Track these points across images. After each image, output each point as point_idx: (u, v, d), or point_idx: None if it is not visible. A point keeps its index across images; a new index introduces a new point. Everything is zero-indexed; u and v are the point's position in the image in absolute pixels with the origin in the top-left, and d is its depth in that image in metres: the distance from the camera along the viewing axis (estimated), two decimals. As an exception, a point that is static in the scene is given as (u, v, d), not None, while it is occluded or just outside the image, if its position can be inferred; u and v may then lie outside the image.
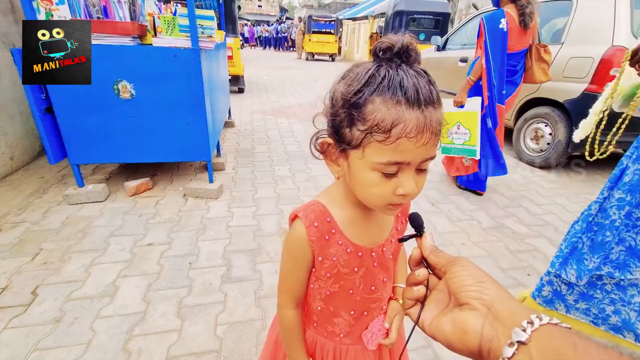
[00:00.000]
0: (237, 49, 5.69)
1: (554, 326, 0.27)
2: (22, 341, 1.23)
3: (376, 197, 0.47)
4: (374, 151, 0.43)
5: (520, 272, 1.73)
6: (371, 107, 0.42)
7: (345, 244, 0.56)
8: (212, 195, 2.33)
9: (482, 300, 0.31)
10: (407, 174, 0.44)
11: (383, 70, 0.42)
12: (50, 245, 1.76)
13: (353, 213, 0.56)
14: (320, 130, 0.51)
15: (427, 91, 0.41)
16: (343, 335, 0.64)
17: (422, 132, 0.41)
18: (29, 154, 2.76)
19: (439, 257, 0.38)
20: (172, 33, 1.99)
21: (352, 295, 0.60)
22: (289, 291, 0.62)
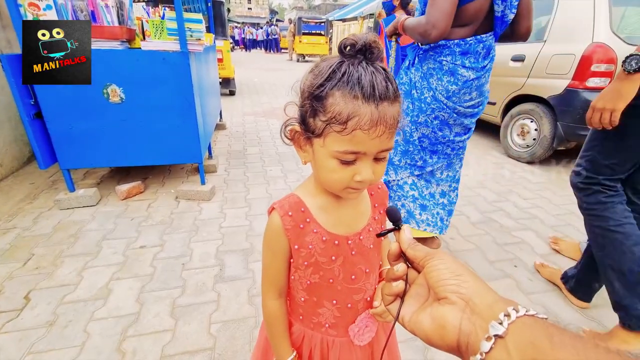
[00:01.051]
0: (227, 52, 5.70)
1: (530, 317, 0.27)
2: (15, 345, 1.23)
3: (335, 181, 0.51)
4: (333, 140, 0.47)
5: (507, 264, 1.78)
6: (331, 100, 0.46)
7: (321, 232, 0.58)
8: (205, 197, 2.34)
9: (459, 293, 0.31)
10: (364, 163, 0.48)
11: (344, 66, 0.46)
12: (42, 250, 1.76)
13: (325, 200, 0.59)
14: (290, 118, 0.55)
15: (383, 87, 0.45)
16: (328, 325, 0.65)
17: (376, 126, 0.45)
18: (18, 160, 2.74)
19: (417, 251, 0.38)
20: (161, 37, 2.00)
21: (333, 284, 0.61)
22: (271, 282, 0.64)
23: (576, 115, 2.77)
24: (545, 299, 1.55)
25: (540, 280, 1.67)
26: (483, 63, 1.44)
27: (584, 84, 2.72)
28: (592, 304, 1.51)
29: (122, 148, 2.17)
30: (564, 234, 2.08)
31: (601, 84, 2.69)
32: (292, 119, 0.54)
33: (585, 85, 2.71)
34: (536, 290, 1.60)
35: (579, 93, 2.75)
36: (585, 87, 2.72)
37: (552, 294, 1.58)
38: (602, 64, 2.65)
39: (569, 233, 2.09)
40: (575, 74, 2.75)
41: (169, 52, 2.00)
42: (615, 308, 1.26)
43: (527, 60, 3.17)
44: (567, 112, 2.84)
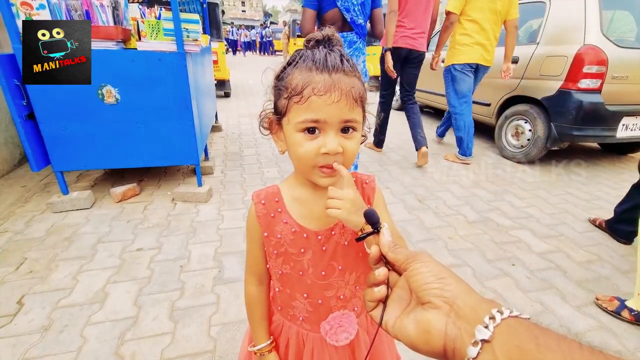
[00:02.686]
0: (222, 54, 5.68)
1: (514, 319, 0.27)
2: (9, 351, 1.20)
3: (302, 156, 0.51)
4: (294, 113, 0.50)
5: (506, 263, 1.79)
6: (290, 77, 0.51)
7: (290, 224, 0.59)
8: (202, 199, 2.32)
9: (443, 297, 0.31)
10: (329, 133, 0.50)
11: (302, 51, 0.52)
12: (35, 254, 1.72)
13: (301, 192, 0.61)
14: (265, 110, 0.58)
15: (336, 60, 0.49)
16: (302, 319, 0.66)
17: (330, 90, 0.47)
18: (9, 163, 2.68)
19: (398, 254, 0.37)
20: (157, 37, 1.99)
21: (303, 277, 0.62)
22: (250, 267, 0.67)
23: (569, 116, 2.82)
24: (543, 296, 1.56)
25: (539, 278, 1.68)
26: (346, 50, 2.17)
27: (576, 85, 2.77)
28: (589, 301, 1.53)
29: (117, 150, 2.14)
30: (559, 232, 2.11)
31: (593, 85, 2.74)
32: (266, 110, 0.58)
33: (577, 86, 2.76)
34: (534, 288, 1.61)
35: (571, 94, 2.79)
36: (578, 88, 2.76)
37: (550, 291, 1.59)
38: (593, 66, 2.70)
39: (564, 232, 2.12)
40: (568, 75, 2.80)
41: (166, 52, 1.98)
42: None
43: (521, 61, 3.22)
44: (560, 113, 2.89)
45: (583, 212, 2.37)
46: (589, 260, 1.84)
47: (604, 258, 1.86)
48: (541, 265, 1.79)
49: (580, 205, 2.49)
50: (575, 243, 2.00)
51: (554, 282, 1.66)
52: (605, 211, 2.40)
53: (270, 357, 0.68)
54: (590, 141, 3.18)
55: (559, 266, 1.78)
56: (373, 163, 3.14)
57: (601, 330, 1.38)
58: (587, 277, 1.70)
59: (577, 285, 1.64)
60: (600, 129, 2.87)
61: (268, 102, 0.58)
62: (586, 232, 2.13)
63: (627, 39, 2.90)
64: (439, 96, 4.53)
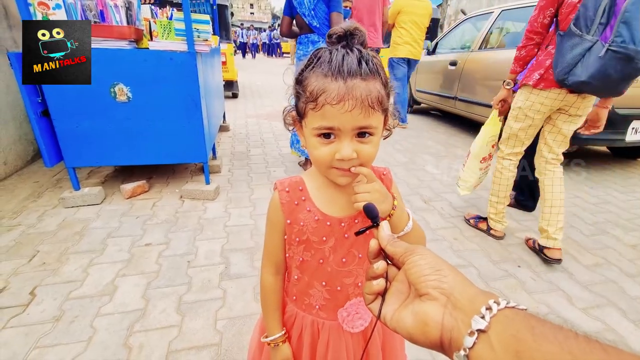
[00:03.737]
0: (231, 55, 5.75)
1: (511, 310, 0.27)
2: (21, 340, 1.23)
3: (319, 159, 0.53)
4: (310, 118, 0.51)
5: (511, 264, 1.79)
6: (307, 82, 0.50)
7: (314, 212, 0.61)
8: (209, 197, 2.35)
9: (441, 289, 0.31)
10: (342, 140, 0.50)
11: (321, 52, 0.51)
12: (47, 247, 1.77)
13: (323, 182, 0.62)
14: (289, 105, 0.59)
15: (353, 65, 0.47)
16: (319, 307, 0.66)
17: (344, 100, 0.46)
18: (22, 159, 2.75)
19: (397, 247, 0.37)
20: (168, 37, 2.03)
21: (323, 265, 0.63)
22: (269, 254, 0.68)
23: (577, 119, 2.79)
24: (549, 298, 1.55)
25: (544, 280, 1.67)
26: (308, 48, 2.58)
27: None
28: (596, 304, 1.52)
29: (128, 147, 2.18)
30: (566, 235, 2.09)
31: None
32: (290, 106, 0.59)
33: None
34: (540, 290, 1.60)
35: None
36: (587, 91, 2.74)
37: (556, 293, 1.59)
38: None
39: (572, 234, 2.10)
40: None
41: (177, 52, 2.02)
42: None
43: (529, 64, 3.20)
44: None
45: (591, 216, 2.35)
46: (596, 263, 1.83)
47: (611, 261, 1.84)
48: (547, 267, 1.78)
49: (588, 208, 2.47)
50: (582, 246, 1.98)
51: (560, 284, 1.65)
52: (613, 215, 2.37)
53: (283, 348, 0.69)
54: (598, 145, 3.15)
55: (566, 269, 1.77)
56: (379, 164, 3.13)
57: (607, 333, 1.38)
58: (593, 280, 1.69)
59: (584, 288, 1.63)
60: (609, 133, 2.84)
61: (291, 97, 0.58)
62: (593, 235, 2.11)
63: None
64: (447, 99, 4.52)
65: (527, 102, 1.69)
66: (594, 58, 1.38)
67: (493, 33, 3.99)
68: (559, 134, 1.71)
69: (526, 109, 1.70)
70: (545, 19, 1.57)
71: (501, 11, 3.88)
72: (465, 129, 4.76)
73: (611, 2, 1.34)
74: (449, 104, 4.52)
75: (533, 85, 1.62)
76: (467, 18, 4.55)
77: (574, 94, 1.57)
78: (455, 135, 4.45)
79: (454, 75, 4.26)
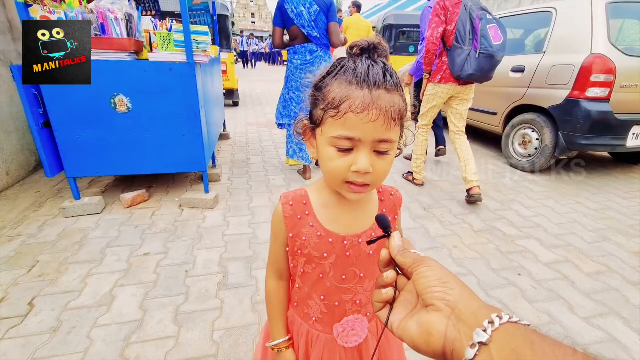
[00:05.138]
0: (232, 64, 5.80)
1: (513, 324, 0.28)
2: (19, 351, 1.23)
3: (333, 171, 0.51)
4: (329, 126, 0.49)
5: (511, 272, 1.77)
6: (329, 89, 0.49)
7: (317, 228, 0.60)
8: (208, 205, 2.36)
9: (446, 301, 0.32)
10: (361, 152, 0.48)
11: (345, 61, 0.50)
12: (47, 257, 1.77)
13: (329, 198, 0.61)
14: (301, 114, 0.58)
15: (379, 76, 0.47)
16: (315, 319, 0.66)
17: (368, 109, 0.45)
18: (24, 169, 2.77)
19: (406, 258, 0.38)
20: (168, 48, 2.06)
21: (322, 280, 0.62)
22: (272, 262, 0.68)
23: (577, 125, 2.80)
24: (550, 307, 1.53)
25: (546, 288, 1.66)
26: (306, 57, 2.68)
27: (584, 94, 2.75)
28: (598, 313, 1.50)
29: (128, 157, 2.20)
30: (568, 242, 2.07)
31: (601, 94, 2.72)
32: (302, 115, 0.58)
33: (585, 95, 2.74)
34: (541, 299, 1.58)
35: (579, 103, 2.78)
36: (586, 97, 2.75)
37: (557, 302, 1.57)
38: (601, 75, 2.68)
39: (573, 242, 2.08)
40: (575, 84, 2.79)
41: (176, 62, 2.05)
42: None
43: (527, 71, 3.22)
44: (568, 122, 2.86)
45: (593, 222, 2.33)
46: (598, 271, 1.81)
47: (613, 269, 1.82)
48: (548, 275, 1.76)
49: (590, 215, 2.45)
50: (584, 254, 1.96)
51: (561, 292, 1.63)
52: (615, 221, 2.35)
53: (287, 354, 0.69)
54: (599, 150, 3.14)
55: (567, 277, 1.75)
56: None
57: (610, 343, 1.35)
58: (595, 289, 1.67)
59: (586, 297, 1.61)
60: (610, 138, 2.83)
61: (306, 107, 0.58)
62: (595, 242, 2.09)
63: (636, 48, 2.88)
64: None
65: (434, 92, 2.57)
66: (473, 59, 2.26)
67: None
68: (457, 113, 2.62)
69: (433, 96, 2.58)
70: (438, 34, 2.34)
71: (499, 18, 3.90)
72: (465, 135, 4.76)
73: (471, 26, 2.25)
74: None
75: (437, 82, 2.51)
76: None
77: (462, 85, 2.46)
78: (455, 141, 4.45)
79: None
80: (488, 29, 2.24)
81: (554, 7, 3.16)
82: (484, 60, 2.25)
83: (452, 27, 2.29)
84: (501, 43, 2.29)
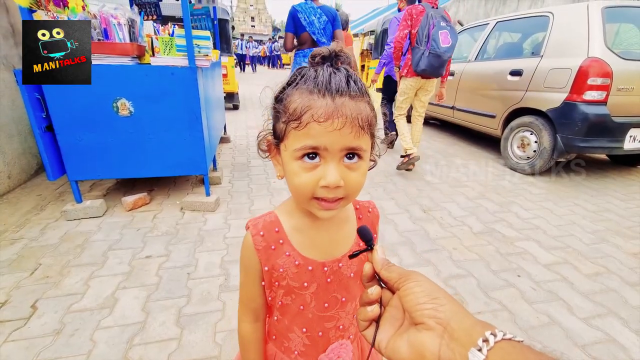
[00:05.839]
0: (232, 68, 5.84)
1: (508, 342, 0.27)
2: (22, 353, 1.24)
3: (299, 187, 0.47)
4: (292, 139, 0.45)
5: (511, 274, 1.78)
6: (289, 100, 0.46)
7: (294, 256, 0.55)
8: (209, 208, 2.37)
9: (437, 318, 0.31)
10: (329, 164, 0.45)
11: (305, 70, 0.47)
12: (49, 260, 1.78)
13: (302, 221, 0.56)
14: (264, 130, 0.54)
15: (342, 82, 0.44)
16: (297, 353, 0.61)
17: (332, 117, 0.42)
18: (26, 173, 2.79)
19: (392, 272, 0.36)
20: (170, 53, 2.08)
21: (303, 311, 0.58)
22: (245, 303, 0.61)
23: (575, 128, 2.82)
24: (549, 308, 1.55)
25: (545, 289, 1.67)
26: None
27: (581, 97, 2.78)
28: (597, 314, 1.52)
29: (129, 160, 2.22)
30: (566, 244, 2.09)
31: (598, 97, 2.75)
32: (265, 130, 0.53)
33: (582, 98, 2.77)
34: (540, 300, 1.60)
35: (576, 106, 2.80)
36: (583, 100, 2.77)
37: (556, 303, 1.58)
38: (598, 78, 2.71)
39: (571, 243, 2.10)
40: (573, 87, 2.82)
41: (178, 67, 2.07)
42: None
43: (525, 74, 3.25)
44: (565, 125, 2.89)
45: (591, 224, 2.35)
46: (597, 272, 1.82)
47: (611, 270, 1.84)
48: (547, 276, 1.77)
49: (588, 217, 2.47)
50: (582, 255, 1.98)
51: (560, 293, 1.65)
52: (613, 223, 2.37)
53: None
54: (597, 152, 3.17)
55: (566, 278, 1.77)
56: (379, 174, 3.17)
57: (609, 343, 1.37)
58: (594, 289, 1.68)
59: (584, 298, 1.62)
60: (607, 141, 2.86)
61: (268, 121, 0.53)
62: (594, 244, 2.10)
63: (632, 51, 2.92)
64: (446, 108, 4.57)
65: (404, 85, 3.08)
66: (425, 57, 2.82)
67: (489, 43, 4.05)
68: (420, 101, 3.21)
69: (405, 88, 3.09)
70: (403, 35, 2.89)
71: (496, 22, 3.95)
72: (464, 138, 4.79)
73: (427, 31, 2.78)
74: (448, 114, 4.56)
75: (405, 76, 3.06)
76: (464, 29, 4.63)
77: (424, 78, 3.02)
78: (454, 144, 4.48)
79: (452, 85, 4.31)
80: (439, 34, 2.74)
81: (551, 11, 3.20)
82: (432, 59, 2.79)
83: (415, 31, 2.85)
84: (449, 46, 2.77)
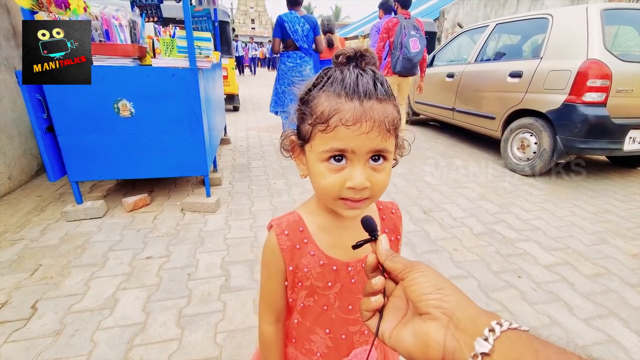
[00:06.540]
0: (232, 69, 5.85)
1: (514, 331, 0.27)
2: (22, 354, 1.24)
3: (326, 188, 0.47)
4: (319, 141, 0.46)
5: (511, 275, 1.78)
6: (316, 102, 0.46)
7: (318, 256, 0.55)
8: (210, 209, 2.37)
9: (442, 308, 0.30)
10: (356, 166, 0.45)
11: (331, 71, 0.47)
12: (49, 260, 1.78)
13: (326, 220, 0.56)
14: (288, 130, 0.54)
15: (369, 85, 0.44)
16: (320, 355, 0.61)
17: (360, 121, 0.43)
18: (26, 174, 2.79)
19: (396, 262, 0.36)
20: (171, 54, 2.09)
21: (327, 312, 0.57)
22: (267, 303, 0.61)
23: (574, 129, 2.83)
24: (550, 309, 1.55)
25: (545, 290, 1.67)
26: (297, 61, 3.62)
27: (580, 98, 2.79)
28: (598, 314, 1.52)
29: (130, 161, 2.22)
30: (566, 245, 2.09)
31: (597, 99, 2.76)
32: (289, 130, 0.54)
33: (582, 99, 2.78)
34: (541, 301, 1.60)
35: (576, 107, 2.81)
36: (582, 101, 2.78)
37: (557, 304, 1.58)
38: (597, 80, 2.72)
39: (572, 244, 2.10)
40: (572, 89, 2.82)
41: (179, 68, 2.07)
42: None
43: (525, 76, 3.26)
44: (565, 126, 2.90)
45: (591, 225, 2.35)
46: (597, 273, 1.82)
47: (612, 271, 1.84)
48: (548, 277, 1.77)
49: (588, 218, 2.47)
50: (582, 256, 1.98)
51: (561, 294, 1.65)
52: (613, 224, 2.37)
53: None
54: (596, 154, 3.17)
55: (566, 279, 1.77)
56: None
57: (609, 344, 1.37)
58: (595, 290, 1.68)
59: (585, 298, 1.62)
60: (606, 142, 2.86)
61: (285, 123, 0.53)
62: (594, 245, 2.11)
63: (631, 53, 2.93)
64: (445, 110, 4.58)
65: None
66: (400, 60, 3.46)
67: (489, 45, 4.07)
68: (401, 93, 3.83)
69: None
70: (382, 47, 3.59)
71: (496, 24, 3.96)
72: (464, 139, 4.80)
73: (401, 39, 3.40)
74: (448, 115, 4.57)
75: (385, 75, 3.32)
76: (463, 31, 4.65)
77: (400, 77, 3.66)
78: (454, 145, 4.48)
79: (452, 87, 4.32)
80: (409, 41, 3.37)
81: (550, 13, 3.22)
82: (405, 62, 3.46)
83: (392, 39, 3.49)
84: (418, 50, 3.42)
